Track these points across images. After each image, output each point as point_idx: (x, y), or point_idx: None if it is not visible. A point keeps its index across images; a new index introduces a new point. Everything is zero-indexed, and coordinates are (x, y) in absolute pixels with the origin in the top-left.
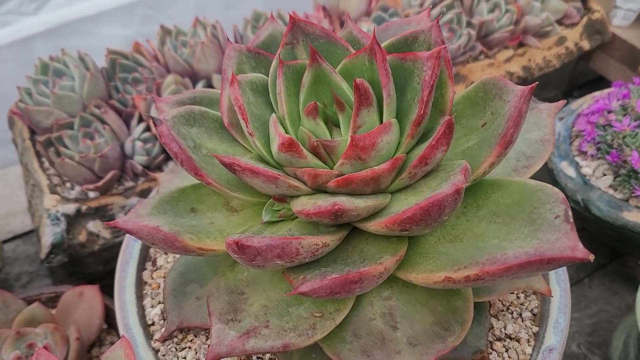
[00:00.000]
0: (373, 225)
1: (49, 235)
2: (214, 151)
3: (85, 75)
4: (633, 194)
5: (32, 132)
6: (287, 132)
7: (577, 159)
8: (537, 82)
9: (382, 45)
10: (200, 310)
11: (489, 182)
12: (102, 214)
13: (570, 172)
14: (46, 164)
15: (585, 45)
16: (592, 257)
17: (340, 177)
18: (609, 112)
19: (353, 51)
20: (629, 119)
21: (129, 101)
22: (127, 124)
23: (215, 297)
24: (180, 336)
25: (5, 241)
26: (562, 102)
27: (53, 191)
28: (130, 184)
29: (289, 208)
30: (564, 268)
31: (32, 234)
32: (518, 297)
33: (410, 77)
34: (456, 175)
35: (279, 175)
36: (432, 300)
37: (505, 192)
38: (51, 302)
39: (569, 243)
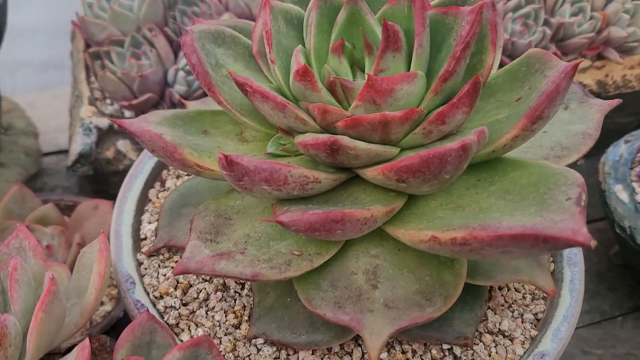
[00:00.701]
0: (370, 171)
1: (79, 143)
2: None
3: None
4: None
5: (87, 46)
6: (310, 66)
7: (635, 184)
8: (581, 60)
9: (433, 3)
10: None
11: (510, 160)
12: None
13: (624, 196)
14: (92, 78)
15: None
16: (593, 243)
17: (349, 118)
18: None
19: None
20: None
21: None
22: (175, 53)
23: (201, 217)
24: (167, 255)
25: (50, 154)
26: (616, 101)
27: (92, 103)
28: None
29: (294, 143)
30: (581, 280)
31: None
32: (524, 298)
33: (448, 33)
34: (470, 134)
35: (287, 103)
36: (421, 268)
37: (524, 172)
38: (69, 210)
39: (572, 225)
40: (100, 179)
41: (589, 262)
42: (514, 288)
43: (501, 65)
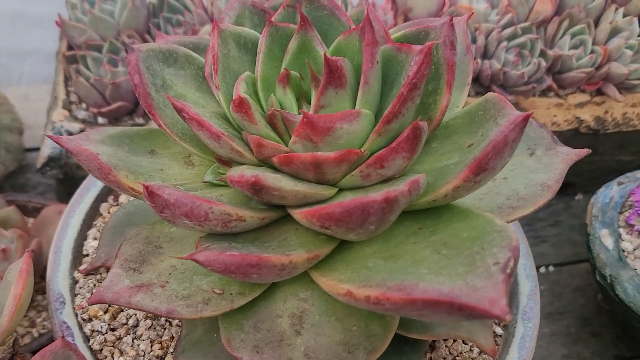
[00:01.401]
0: (296, 213)
1: (49, 147)
2: (182, 96)
3: (126, 4)
4: None
5: (70, 47)
6: (257, 95)
7: (621, 230)
8: (533, 112)
9: (394, 35)
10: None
11: (458, 209)
12: None
13: (608, 242)
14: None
15: None
16: (509, 317)
17: (283, 155)
18: None
19: None
20: None
21: None
22: None
23: (130, 243)
24: (104, 274)
25: (37, 149)
26: (585, 151)
27: (66, 107)
28: (140, 120)
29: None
30: (533, 337)
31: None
32: (471, 350)
33: (401, 71)
34: (400, 184)
35: (222, 134)
36: (350, 317)
37: (468, 224)
38: (36, 212)
39: (492, 294)
40: (71, 182)
41: (574, 304)
42: (461, 339)
43: (487, 90)
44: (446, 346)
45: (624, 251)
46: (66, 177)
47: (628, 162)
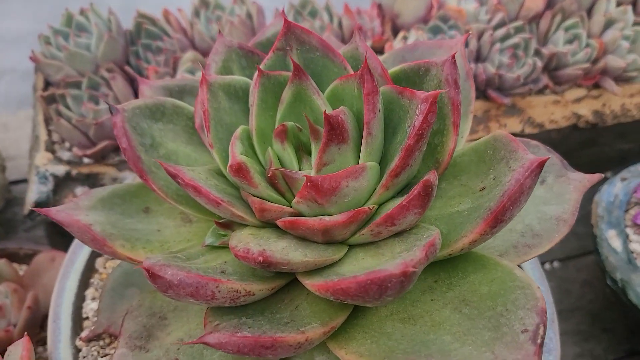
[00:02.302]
0: (309, 285)
1: (35, 192)
2: (174, 153)
3: (102, 36)
4: None
5: (47, 84)
6: (253, 149)
7: (629, 230)
8: (549, 158)
9: (392, 70)
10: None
11: (473, 256)
12: (92, 181)
13: (617, 244)
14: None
15: None
16: None
17: (287, 219)
18: None
19: (352, 71)
20: None
21: (145, 70)
22: (136, 94)
23: (132, 317)
24: (107, 340)
25: (23, 181)
26: (598, 176)
27: (49, 148)
28: None
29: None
30: None
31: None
32: None
33: (404, 116)
34: (416, 250)
35: (221, 201)
36: None
37: (485, 276)
38: (27, 258)
39: None
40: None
41: (582, 300)
42: None
43: (487, 97)
44: None
45: (632, 253)
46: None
47: (627, 150)
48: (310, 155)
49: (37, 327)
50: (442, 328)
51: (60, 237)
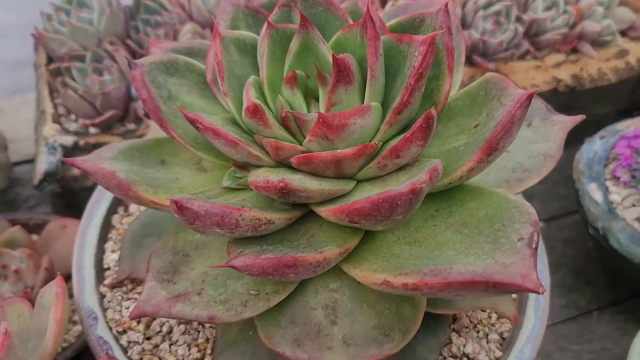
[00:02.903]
0: (323, 211)
1: (44, 163)
2: (189, 105)
3: (104, 10)
4: None
5: (50, 60)
6: (264, 97)
7: (608, 183)
8: (536, 90)
9: (389, 23)
10: None
11: (470, 188)
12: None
13: (597, 196)
14: (56, 93)
15: None
16: (542, 290)
17: (301, 155)
18: None
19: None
20: None
21: (146, 43)
22: None
23: (158, 255)
24: (130, 286)
25: (22, 162)
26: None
27: (56, 120)
28: (132, 126)
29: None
30: (546, 297)
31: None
32: (489, 317)
33: (404, 61)
34: (421, 174)
35: (239, 141)
36: (380, 302)
37: (482, 202)
38: (38, 228)
39: (522, 270)
40: (69, 195)
41: (565, 256)
42: (480, 308)
43: (472, 63)
44: (467, 316)
45: (612, 203)
46: (64, 190)
47: (603, 115)
48: (317, 100)
49: None
50: (445, 246)
51: (67, 212)
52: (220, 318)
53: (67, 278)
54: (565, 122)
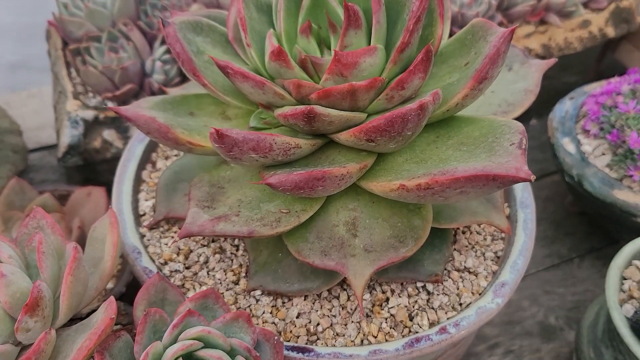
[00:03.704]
0: (343, 134)
1: (67, 136)
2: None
3: None
4: (627, 174)
5: (65, 43)
6: (281, 46)
7: (580, 136)
8: (516, 26)
9: None
10: (187, 204)
11: (464, 118)
12: (118, 124)
13: (571, 148)
14: (73, 74)
15: (610, 32)
16: (533, 177)
17: (321, 90)
18: (618, 94)
19: None
20: (636, 102)
21: (155, 24)
22: (151, 44)
23: (197, 187)
24: (166, 226)
25: (33, 150)
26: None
27: (76, 97)
28: None
29: (274, 116)
30: (533, 219)
31: (57, 147)
32: (485, 239)
33: (402, 9)
34: (426, 96)
35: (266, 81)
36: (393, 216)
37: (476, 126)
38: (63, 199)
39: (515, 164)
40: (89, 168)
41: (546, 212)
42: (476, 231)
43: (452, 34)
44: (465, 238)
45: (584, 153)
46: (85, 162)
47: (573, 83)
48: (329, 48)
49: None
50: (448, 160)
51: (83, 183)
52: (258, 232)
53: None
54: (541, 64)
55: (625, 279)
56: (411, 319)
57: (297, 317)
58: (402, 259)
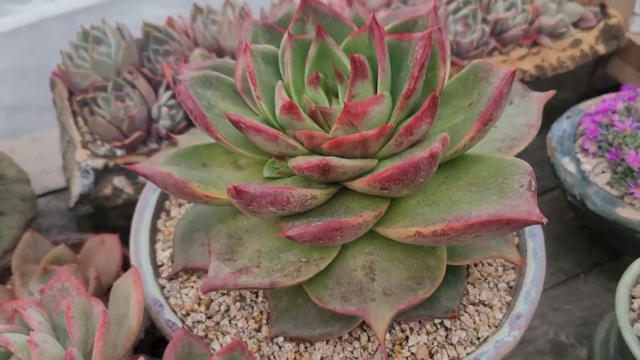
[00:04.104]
0: (357, 183)
1: (79, 186)
2: (225, 111)
3: (120, 44)
4: (627, 191)
5: (70, 93)
6: (290, 97)
7: (579, 155)
8: (517, 69)
9: (386, 27)
10: (204, 254)
11: (471, 157)
12: (127, 171)
13: (571, 167)
14: (80, 123)
15: (601, 49)
16: (545, 220)
17: (332, 140)
18: (614, 112)
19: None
20: (632, 119)
21: (159, 70)
22: (156, 90)
23: (216, 240)
24: (184, 276)
25: (39, 196)
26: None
27: (85, 146)
28: (154, 145)
29: (287, 166)
30: (542, 247)
31: (63, 191)
32: (496, 270)
33: (405, 56)
34: (435, 143)
35: (279, 134)
36: (409, 258)
37: (483, 166)
38: (76, 247)
39: (527, 207)
40: (100, 215)
41: (547, 228)
42: (487, 263)
43: (452, 61)
44: (477, 270)
45: (585, 172)
46: (96, 210)
47: (567, 99)
48: (336, 96)
49: (102, 297)
50: (459, 202)
51: (93, 230)
52: (280, 283)
53: (109, 289)
54: (541, 97)
55: (634, 297)
56: (432, 356)
57: None
58: (420, 301)
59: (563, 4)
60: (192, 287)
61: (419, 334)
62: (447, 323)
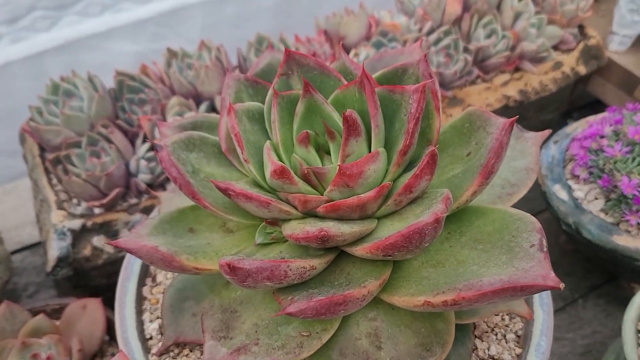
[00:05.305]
0: (358, 250)
1: (55, 249)
2: (211, 175)
3: (93, 96)
4: (623, 218)
5: (42, 149)
6: (280, 158)
7: (570, 182)
8: (516, 117)
9: (374, 75)
10: (196, 326)
11: (473, 209)
12: (107, 229)
13: (563, 195)
14: (54, 180)
15: (582, 70)
16: (562, 285)
17: (328, 204)
18: (602, 137)
19: (345, 82)
20: (621, 144)
21: (135, 121)
22: (133, 143)
23: (209, 315)
24: (176, 350)
25: (14, 252)
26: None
27: (60, 207)
28: (134, 200)
29: (281, 231)
30: (548, 293)
31: (39, 245)
32: (503, 319)
33: (398, 108)
34: (437, 204)
35: (271, 200)
36: (415, 322)
37: (487, 219)
38: (56, 313)
39: (542, 272)
40: (80, 276)
41: None
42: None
43: None
44: (484, 322)
45: (577, 199)
46: (76, 271)
47: (550, 120)
48: (328, 154)
49: None
50: (466, 263)
51: (75, 293)
52: None
53: (93, 357)
54: (536, 137)
55: (639, 331)
56: None
57: None
58: None
59: (543, 28)
60: None
61: None
62: None
